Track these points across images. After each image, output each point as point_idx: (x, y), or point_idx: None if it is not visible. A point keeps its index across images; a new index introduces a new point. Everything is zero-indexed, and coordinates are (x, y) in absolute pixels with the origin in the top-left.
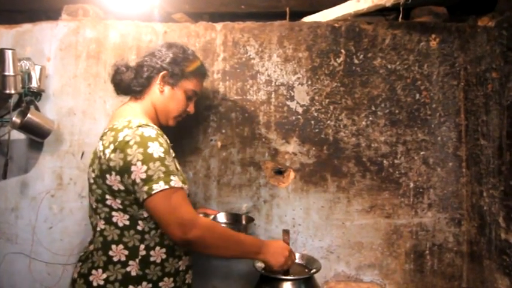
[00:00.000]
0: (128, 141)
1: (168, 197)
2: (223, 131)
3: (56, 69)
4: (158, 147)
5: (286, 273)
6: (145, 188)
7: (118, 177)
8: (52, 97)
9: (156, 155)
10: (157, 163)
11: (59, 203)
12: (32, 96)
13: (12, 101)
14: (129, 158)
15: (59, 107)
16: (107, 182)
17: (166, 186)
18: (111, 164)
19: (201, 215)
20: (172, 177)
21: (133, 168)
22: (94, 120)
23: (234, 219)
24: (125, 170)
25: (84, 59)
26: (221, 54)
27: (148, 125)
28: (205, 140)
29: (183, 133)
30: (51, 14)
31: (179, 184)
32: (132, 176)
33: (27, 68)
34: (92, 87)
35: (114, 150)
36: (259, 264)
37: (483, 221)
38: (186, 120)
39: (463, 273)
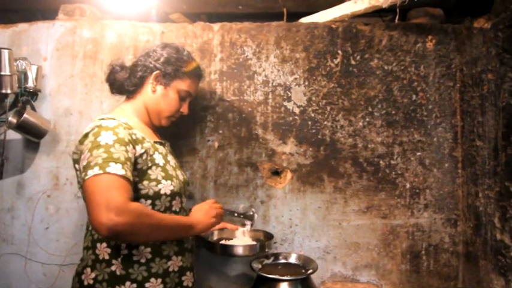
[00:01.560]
0: (88, 133)
1: (99, 181)
2: (220, 131)
3: (53, 69)
4: (110, 136)
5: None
6: (82, 174)
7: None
8: (48, 97)
9: (102, 143)
10: (101, 150)
11: (55, 204)
12: (28, 96)
13: (9, 100)
14: (82, 148)
15: (56, 107)
16: (78, 178)
17: (100, 171)
18: (75, 157)
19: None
20: (112, 163)
21: (82, 157)
22: (91, 120)
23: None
24: (78, 161)
25: (80, 59)
26: (218, 54)
27: (114, 119)
28: (202, 140)
29: (180, 134)
30: (48, 14)
31: (119, 172)
32: (80, 165)
33: (23, 67)
34: (89, 87)
35: (77, 144)
36: (257, 265)
37: (479, 222)
38: (183, 120)
39: (459, 273)
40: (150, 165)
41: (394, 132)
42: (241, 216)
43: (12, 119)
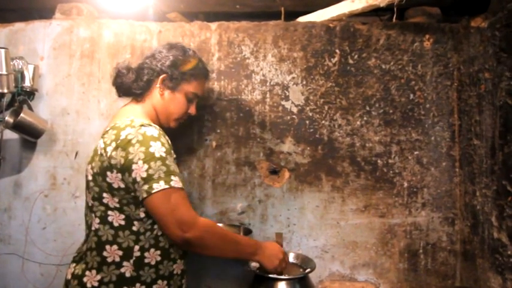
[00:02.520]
0: (130, 140)
1: (168, 196)
2: (218, 130)
3: (50, 68)
4: (160, 147)
5: (280, 275)
6: (146, 186)
7: (119, 175)
8: (45, 96)
9: (157, 155)
10: (159, 162)
11: (52, 203)
12: (25, 96)
13: (5, 100)
14: (130, 157)
15: (53, 107)
16: (107, 179)
17: (167, 186)
18: (113, 161)
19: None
20: (172, 177)
21: (134, 166)
22: (88, 119)
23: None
24: (126, 168)
25: (78, 58)
26: (216, 53)
27: (151, 125)
28: (200, 139)
29: (177, 133)
30: (45, 13)
31: (179, 184)
32: (133, 175)
33: (20, 67)
34: (86, 86)
35: (116, 148)
36: (254, 264)
37: (476, 220)
38: None
39: (457, 272)
40: None
41: (392, 131)
42: None
43: (9, 118)
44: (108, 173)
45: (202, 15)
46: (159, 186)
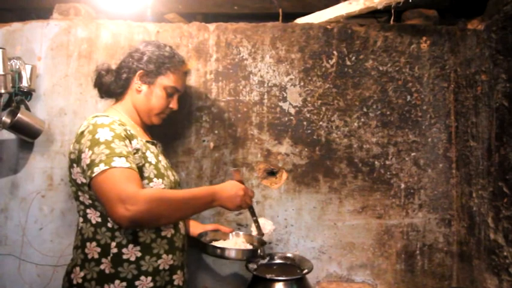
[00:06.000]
0: (83, 131)
1: (108, 176)
2: (216, 131)
3: (47, 68)
4: (107, 132)
5: (246, 209)
6: (88, 172)
7: (78, 169)
8: (43, 97)
9: (102, 139)
10: (102, 146)
11: (49, 204)
12: (22, 96)
13: (2, 100)
14: (81, 147)
15: (50, 107)
16: (72, 176)
17: (106, 167)
18: (72, 156)
19: (208, 232)
20: (115, 158)
21: (82, 156)
22: (85, 120)
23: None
24: (78, 160)
25: (75, 58)
26: (214, 54)
27: (107, 116)
28: (198, 140)
29: (175, 134)
30: (42, 13)
31: (123, 164)
32: (81, 164)
33: (17, 67)
34: (84, 87)
35: (73, 143)
36: (252, 265)
37: (472, 222)
38: (178, 121)
39: (453, 273)
40: (143, 162)
41: (389, 133)
42: (255, 224)
43: (6, 118)
44: (72, 170)
45: (200, 16)
46: (98, 169)
